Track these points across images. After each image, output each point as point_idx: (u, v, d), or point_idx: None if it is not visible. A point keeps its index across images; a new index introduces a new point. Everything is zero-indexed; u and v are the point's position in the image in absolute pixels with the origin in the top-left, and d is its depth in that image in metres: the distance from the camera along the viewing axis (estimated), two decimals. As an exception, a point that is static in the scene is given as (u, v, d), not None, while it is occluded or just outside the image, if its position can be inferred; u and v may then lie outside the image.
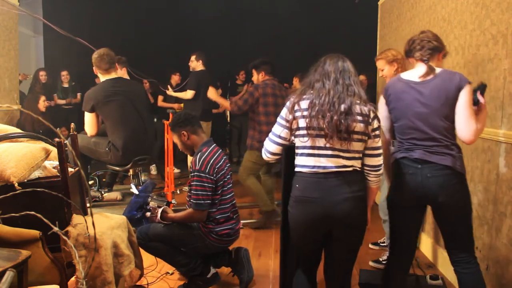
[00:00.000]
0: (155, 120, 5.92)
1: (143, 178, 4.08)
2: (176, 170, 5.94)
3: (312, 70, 1.99)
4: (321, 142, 1.85)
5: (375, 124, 1.89)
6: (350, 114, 1.82)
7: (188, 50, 5.56)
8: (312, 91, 1.91)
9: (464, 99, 1.98)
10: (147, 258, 2.83)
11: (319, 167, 1.87)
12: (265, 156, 2.07)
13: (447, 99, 2.01)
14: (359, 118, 1.85)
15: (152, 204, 2.80)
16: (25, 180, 2.15)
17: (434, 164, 2.04)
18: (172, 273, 3.01)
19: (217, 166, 2.64)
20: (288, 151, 1.99)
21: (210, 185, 2.59)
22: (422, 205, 2.18)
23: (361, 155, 1.92)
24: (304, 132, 1.87)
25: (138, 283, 2.69)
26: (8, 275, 1.55)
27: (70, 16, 7.14)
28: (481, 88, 2.09)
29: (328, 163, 1.86)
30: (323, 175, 1.87)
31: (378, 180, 2.00)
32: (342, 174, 1.87)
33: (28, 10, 7.15)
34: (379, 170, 1.96)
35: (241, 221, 3.98)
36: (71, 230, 2.15)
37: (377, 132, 1.91)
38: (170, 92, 5.44)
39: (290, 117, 1.91)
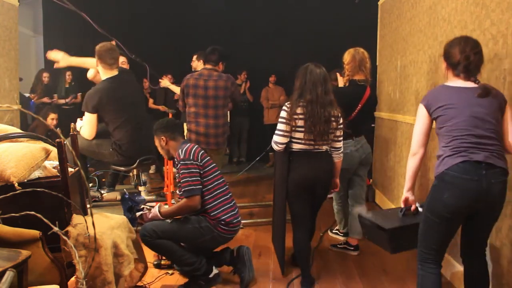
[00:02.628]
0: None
1: (143, 178, 4.07)
2: (175, 170, 5.93)
3: (299, 78, 2.80)
4: (310, 136, 2.75)
5: (340, 121, 2.82)
6: (329, 121, 2.74)
7: (188, 49, 5.55)
8: (303, 101, 2.74)
9: (508, 108, 2.08)
10: (148, 257, 2.83)
11: (306, 149, 2.79)
12: (276, 147, 2.81)
13: (499, 106, 2.05)
14: (333, 119, 2.77)
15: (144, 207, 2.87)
16: (25, 180, 2.15)
17: (498, 168, 1.99)
18: (172, 273, 3.01)
19: (200, 153, 2.73)
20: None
21: (197, 170, 2.66)
22: (475, 212, 2.06)
23: (330, 141, 2.83)
24: (302, 129, 2.74)
25: (138, 284, 2.69)
26: (8, 275, 1.55)
27: (70, 16, 7.14)
28: None
29: (313, 148, 2.80)
30: (308, 153, 2.80)
31: (339, 157, 2.93)
32: (320, 153, 2.82)
33: (28, 10, 7.17)
34: (339, 150, 2.90)
35: (242, 221, 4.01)
36: (71, 230, 2.15)
37: (340, 126, 2.82)
38: (165, 82, 5.33)
39: (290, 118, 2.73)
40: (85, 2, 6.88)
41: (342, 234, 3.71)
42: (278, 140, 2.77)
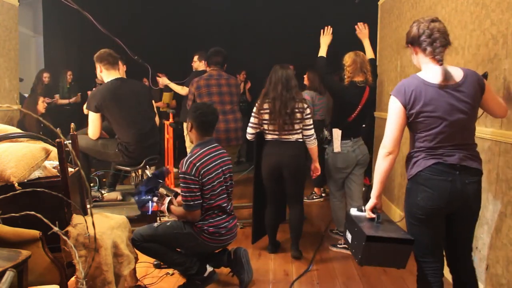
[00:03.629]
0: None
1: (145, 177, 4.08)
2: (175, 170, 5.92)
3: (267, 79, 3.27)
4: (275, 127, 3.23)
5: (307, 111, 3.25)
6: (292, 114, 3.18)
7: (189, 49, 5.55)
8: (269, 98, 3.22)
9: (489, 87, 2.02)
10: (148, 258, 2.83)
11: (274, 138, 3.28)
12: (248, 136, 3.38)
13: (478, 102, 1.98)
14: (297, 111, 3.20)
15: (161, 190, 2.81)
16: (25, 180, 2.15)
17: (470, 169, 1.96)
18: (173, 274, 3.01)
19: (203, 170, 2.61)
20: (259, 135, 3.38)
21: (196, 186, 2.60)
22: (452, 213, 2.02)
23: (300, 131, 3.26)
24: (267, 122, 3.25)
25: (138, 283, 2.69)
26: (8, 275, 1.55)
27: (70, 16, 7.13)
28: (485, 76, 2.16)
29: (280, 137, 3.27)
30: (277, 142, 3.28)
31: (313, 143, 3.32)
32: (288, 142, 3.27)
33: (28, 10, 7.17)
34: (311, 137, 3.30)
35: (242, 221, 4.01)
36: (71, 230, 2.15)
37: (308, 116, 3.26)
38: (164, 80, 5.26)
39: (258, 113, 3.27)
40: (84, 2, 6.92)
41: (342, 234, 3.71)
42: (248, 131, 3.37)
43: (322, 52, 3.51)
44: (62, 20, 7.11)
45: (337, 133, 3.38)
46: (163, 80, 5.11)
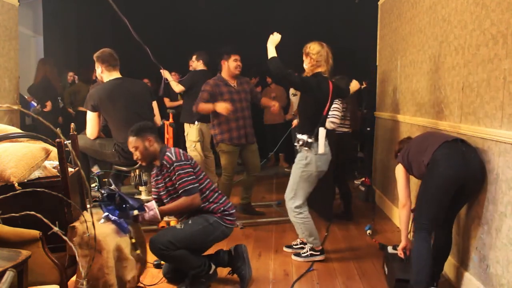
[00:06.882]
0: None
1: (144, 178, 4.07)
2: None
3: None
4: (349, 122, 4.33)
5: None
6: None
7: (190, 49, 5.54)
8: (347, 103, 4.20)
9: None
10: (148, 258, 2.83)
11: (345, 131, 4.29)
12: (333, 125, 3.95)
13: None
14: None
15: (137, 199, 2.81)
16: (25, 180, 2.15)
17: (471, 147, 2.54)
18: (173, 273, 3.01)
19: (188, 155, 2.84)
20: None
21: (191, 169, 2.74)
22: (462, 186, 2.54)
23: None
24: (345, 118, 4.25)
25: (138, 285, 2.68)
26: (8, 275, 1.56)
27: (70, 16, 7.13)
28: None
29: (347, 130, 4.32)
30: (348, 134, 4.33)
31: None
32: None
33: (28, 10, 7.17)
34: None
35: (241, 221, 4.02)
36: (78, 226, 2.15)
37: None
38: (165, 74, 5.21)
39: (340, 110, 4.03)
40: (85, 2, 6.93)
41: (318, 253, 3.31)
42: (335, 121, 3.96)
43: (272, 53, 3.24)
44: (62, 20, 7.10)
45: (322, 132, 3.11)
46: (164, 73, 5.06)
